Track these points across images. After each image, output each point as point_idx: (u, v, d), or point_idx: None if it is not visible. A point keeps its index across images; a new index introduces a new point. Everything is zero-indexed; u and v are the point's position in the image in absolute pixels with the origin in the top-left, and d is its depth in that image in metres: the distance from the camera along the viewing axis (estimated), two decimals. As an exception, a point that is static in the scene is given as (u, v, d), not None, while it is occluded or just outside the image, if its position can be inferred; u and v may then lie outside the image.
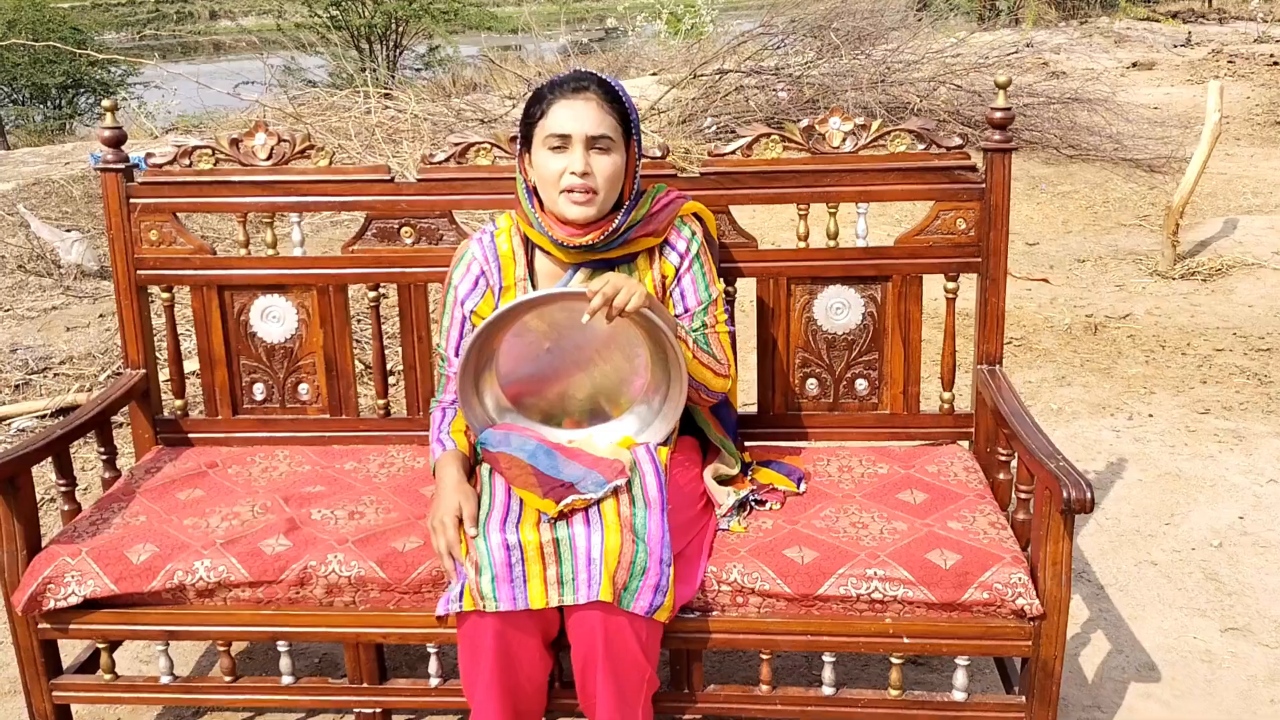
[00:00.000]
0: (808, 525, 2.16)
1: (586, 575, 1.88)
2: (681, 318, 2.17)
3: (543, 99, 2.05)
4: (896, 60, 8.63)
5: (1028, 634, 2.01)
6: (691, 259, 2.17)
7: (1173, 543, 3.04)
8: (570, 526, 1.92)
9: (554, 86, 2.05)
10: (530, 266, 2.17)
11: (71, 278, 5.42)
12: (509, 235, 2.19)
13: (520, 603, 1.88)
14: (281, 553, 2.12)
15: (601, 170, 2.03)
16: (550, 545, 1.89)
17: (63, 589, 2.10)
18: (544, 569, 1.89)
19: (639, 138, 2.10)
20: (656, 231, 2.14)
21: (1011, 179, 2.33)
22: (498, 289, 2.17)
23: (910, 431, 2.50)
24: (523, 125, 2.09)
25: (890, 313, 2.43)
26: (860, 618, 2.03)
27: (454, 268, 2.21)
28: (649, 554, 1.90)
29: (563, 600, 1.89)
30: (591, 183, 2.02)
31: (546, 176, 2.04)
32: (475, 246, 2.20)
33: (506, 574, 1.88)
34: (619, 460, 2.02)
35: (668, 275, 2.16)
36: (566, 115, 2.01)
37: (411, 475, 2.43)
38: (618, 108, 2.05)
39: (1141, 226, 6.34)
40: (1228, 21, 16.28)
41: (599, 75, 2.07)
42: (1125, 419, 3.82)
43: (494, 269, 2.17)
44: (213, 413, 2.60)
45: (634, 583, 1.88)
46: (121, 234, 2.49)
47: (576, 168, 2.01)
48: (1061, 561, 1.97)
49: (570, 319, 2.04)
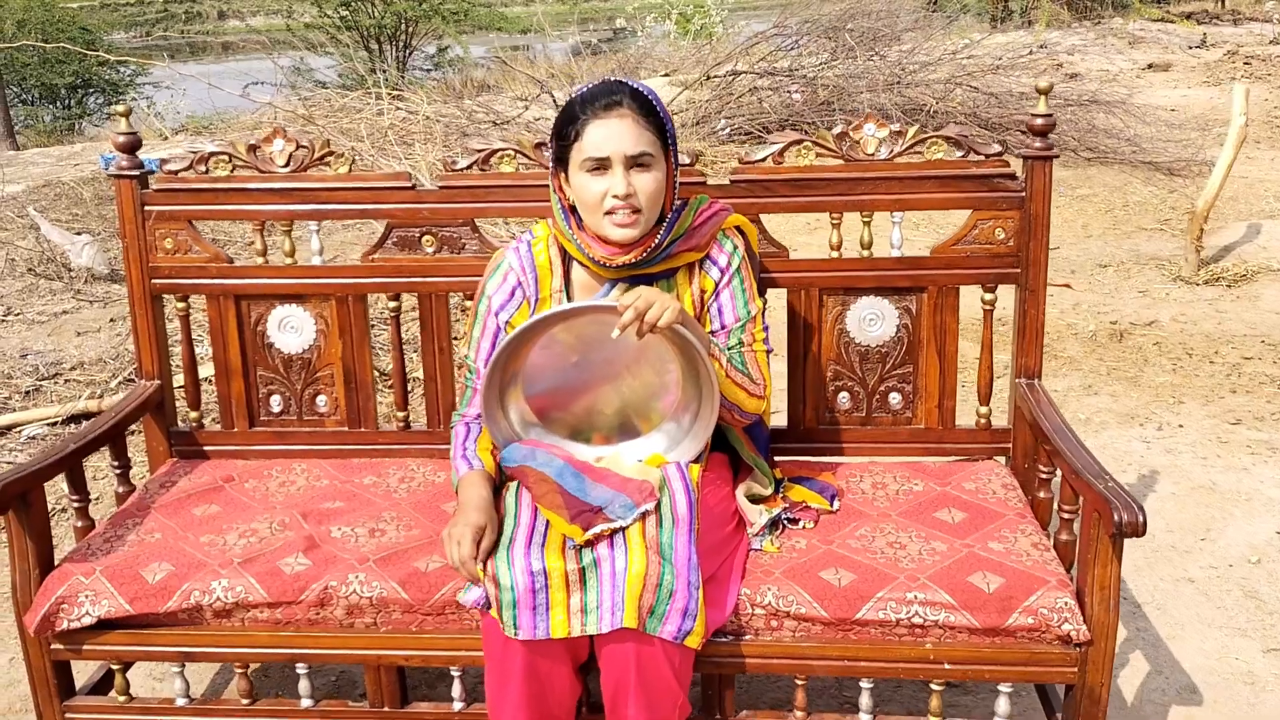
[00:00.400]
0: (843, 545, 2.10)
1: (610, 602, 1.81)
2: (717, 334, 2.10)
3: (575, 118, 1.95)
4: (911, 62, 8.56)
5: (1073, 660, 1.93)
6: (732, 274, 2.10)
7: (1209, 559, 2.96)
8: (595, 550, 1.85)
9: (586, 103, 1.95)
10: (567, 278, 2.10)
11: (82, 281, 5.38)
12: (546, 245, 2.11)
13: (541, 632, 1.81)
14: (301, 572, 2.05)
15: (644, 188, 1.95)
16: (576, 574, 1.83)
17: (76, 609, 2.04)
18: (568, 597, 1.82)
19: (676, 148, 2.02)
20: (698, 246, 2.07)
21: (1052, 187, 2.26)
22: (533, 300, 2.09)
23: (945, 447, 2.43)
24: (556, 144, 2.00)
25: (925, 324, 2.36)
26: (899, 642, 1.96)
27: (488, 277, 2.13)
28: (676, 575, 1.83)
29: (585, 629, 1.82)
30: (635, 203, 1.94)
31: (588, 201, 1.96)
32: (512, 256, 2.12)
33: (529, 600, 1.81)
34: (647, 481, 1.96)
35: (707, 290, 2.09)
36: (603, 136, 1.92)
37: (432, 490, 2.36)
38: (654, 120, 1.96)
39: (1163, 231, 6.26)
40: (1242, 22, 16.17)
41: (631, 85, 1.97)
42: (1155, 429, 3.75)
43: (530, 280, 2.10)
44: (228, 425, 2.53)
45: (660, 606, 1.82)
46: (136, 242, 2.43)
47: (619, 190, 1.93)
48: (1110, 586, 1.90)
49: (600, 332, 1.98)
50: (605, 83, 1.99)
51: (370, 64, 11.39)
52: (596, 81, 2.01)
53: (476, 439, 2.11)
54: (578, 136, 1.94)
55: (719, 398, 1.97)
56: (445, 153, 6.88)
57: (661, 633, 1.82)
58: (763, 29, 9.74)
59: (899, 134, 2.28)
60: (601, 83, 1.99)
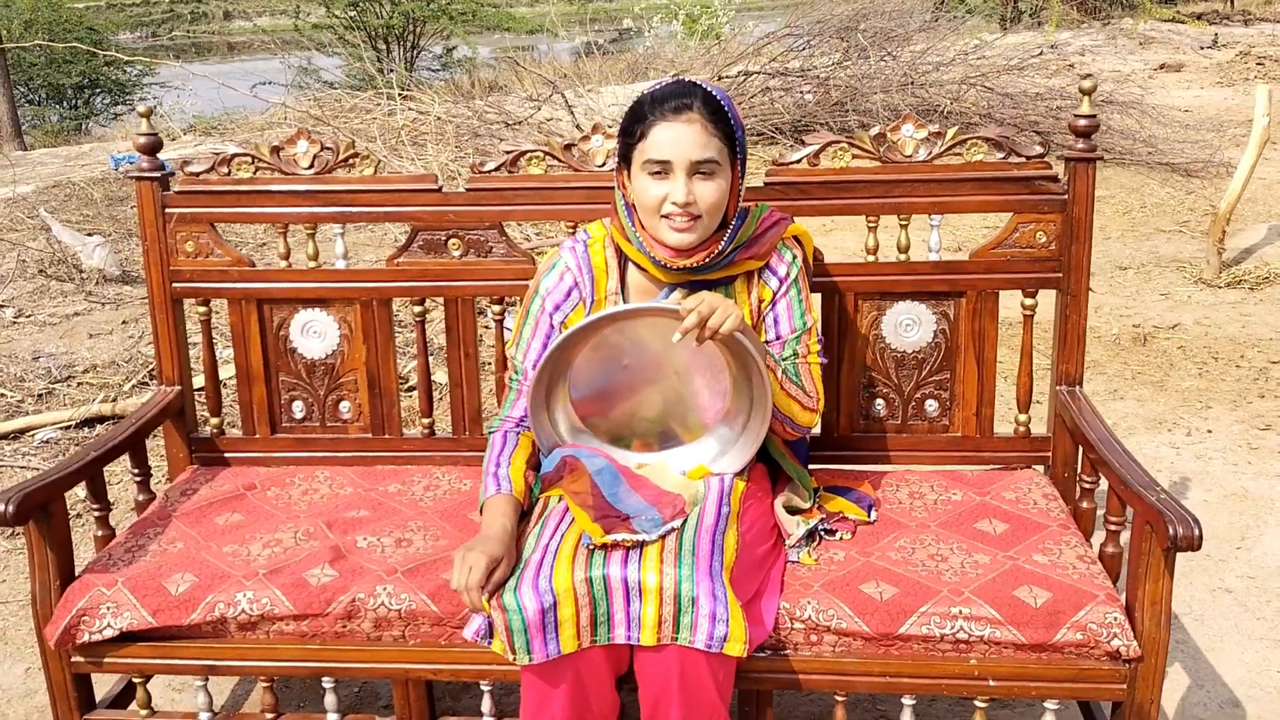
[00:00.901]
0: (882, 557, 2.04)
1: (626, 615, 1.76)
2: (772, 344, 2.05)
3: (643, 117, 1.88)
4: (924, 62, 8.50)
5: (1122, 677, 1.88)
6: (790, 284, 2.04)
7: (1246, 568, 2.91)
8: (607, 566, 1.77)
9: (654, 103, 1.88)
10: (622, 280, 2.03)
11: (93, 283, 5.33)
12: (603, 246, 2.04)
13: (553, 652, 1.75)
14: (327, 583, 2.01)
15: (705, 197, 1.88)
16: (584, 585, 1.75)
17: (98, 621, 1.99)
18: (576, 613, 1.75)
19: (744, 155, 1.95)
20: (759, 254, 2.01)
21: (1095, 190, 2.21)
22: (589, 301, 2.02)
23: (983, 455, 2.38)
24: (621, 141, 1.94)
25: (964, 330, 2.31)
26: (943, 658, 1.91)
27: (543, 275, 2.06)
28: (696, 583, 1.76)
29: (596, 641, 1.76)
30: (694, 210, 1.88)
31: (646, 203, 1.90)
32: (568, 255, 2.05)
33: (539, 621, 1.74)
34: (681, 496, 1.91)
35: (765, 299, 2.04)
36: (667, 139, 1.85)
37: (458, 499, 2.31)
38: (723, 126, 1.88)
39: (1181, 232, 6.20)
40: (1253, 23, 16.10)
41: (704, 87, 1.89)
42: (1184, 435, 3.69)
43: (586, 280, 2.03)
44: (250, 431, 2.49)
45: (685, 616, 1.76)
46: (157, 245, 2.38)
47: (678, 197, 1.86)
48: (1162, 601, 1.85)
49: (654, 336, 1.92)
50: (678, 83, 1.91)
51: (378, 64, 11.35)
52: (669, 80, 1.93)
53: (513, 453, 2.01)
54: (643, 136, 1.88)
55: (771, 409, 1.92)
56: (458, 153, 6.86)
57: (694, 641, 1.76)
58: (771, 29, 9.69)
59: (938, 135, 2.23)
60: (674, 82, 1.92)
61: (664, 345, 1.90)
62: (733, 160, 1.92)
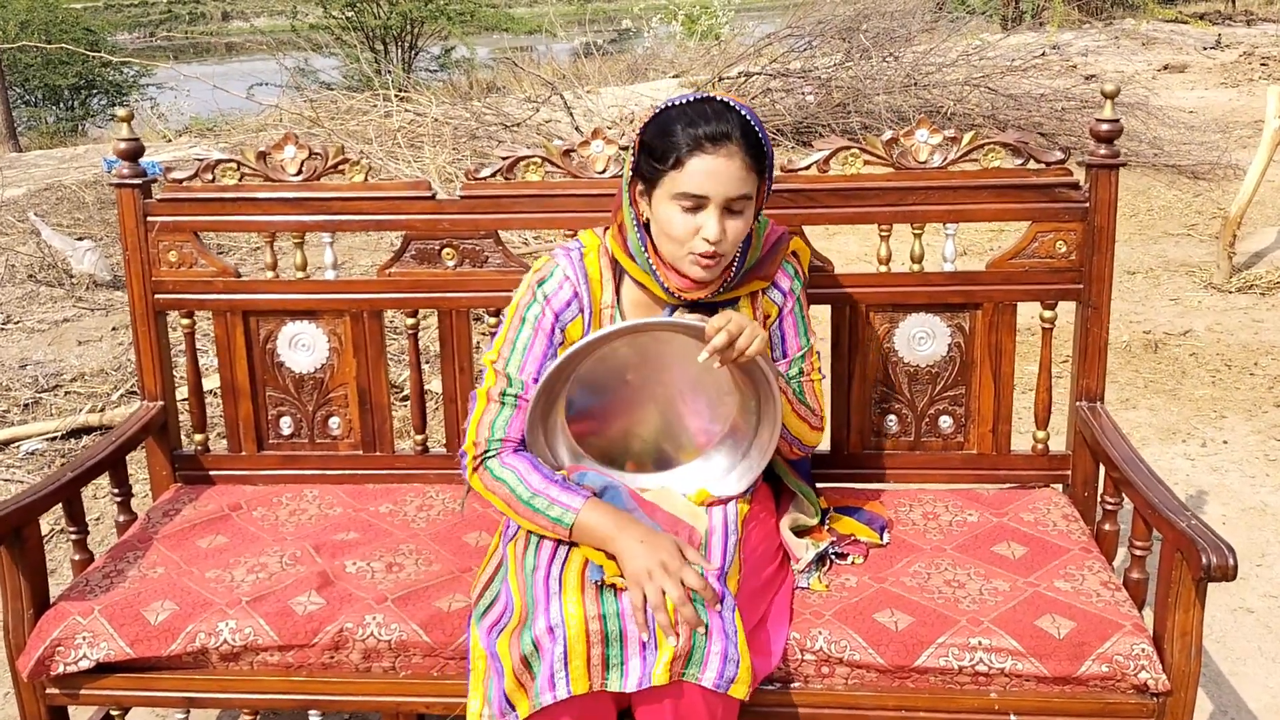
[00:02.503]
0: (896, 583, 1.95)
1: (640, 659, 1.65)
2: (779, 363, 1.95)
3: (677, 144, 1.72)
4: (926, 64, 8.41)
5: (1150, 711, 1.79)
6: (795, 300, 1.95)
7: (1267, 586, 2.81)
8: (620, 601, 1.68)
9: (689, 127, 1.72)
10: (617, 294, 1.91)
11: (83, 288, 5.24)
12: (597, 256, 1.91)
13: (561, 691, 1.63)
14: (314, 612, 1.91)
15: (733, 232, 1.75)
16: (596, 621, 1.66)
17: (73, 652, 1.90)
18: (587, 648, 1.65)
19: (771, 181, 1.84)
20: (766, 275, 1.91)
21: (1118, 197, 2.11)
22: (588, 314, 1.89)
23: (999, 474, 2.28)
24: (644, 158, 1.77)
25: (980, 343, 2.21)
26: (961, 691, 1.81)
27: (542, 281, 1.90)
28: (709, 621, 1.67)
29: (607, 685, 1.65)
30: (722, 248, 1.76)
31: (673, 234, 1.75)
32: (565, 262, 1.90)
33: (549, 658, 1.65)
34: (695, 529, 1.81)
35: (770, 315, 1.94)
36: (705, 175, 1.71)
37: (452, 520, 2.22)
38: (759, 158, 1.75)
39: (1190, 236, 6.11)
40: (1256, 23, 16.01)
41: (739, 112, 1.74)
42: (1198, 445, 3.60)
43: (584, 290, 1.90)
44: (236, 448, 2.39)
45: (698, 653, 1.66)
46: (138, 255, 2.28)
47: (711, 235, 1.72)
48: (1192, 632, 1.75)
49: (662, 350, 1.83)
50: (711, 104, 1.75)
51: (376, 65, 11.25)
52: (697, 96, 1.77)
53: (541, 465, 1.84)
54: (677, 165, 1.72)
55: (779, 431, 1.83)
56: (455, 155, 6.76)
57: (702, 680, 1.66)
58: (771, 30, 9.59)
59: (953, 140, 2.14)
60: (705, 102, 1.75)
61: (672, 360, 1.80)
62: (758, 189, 1.81)
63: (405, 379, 3.75)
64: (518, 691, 1.66)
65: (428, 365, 3.85)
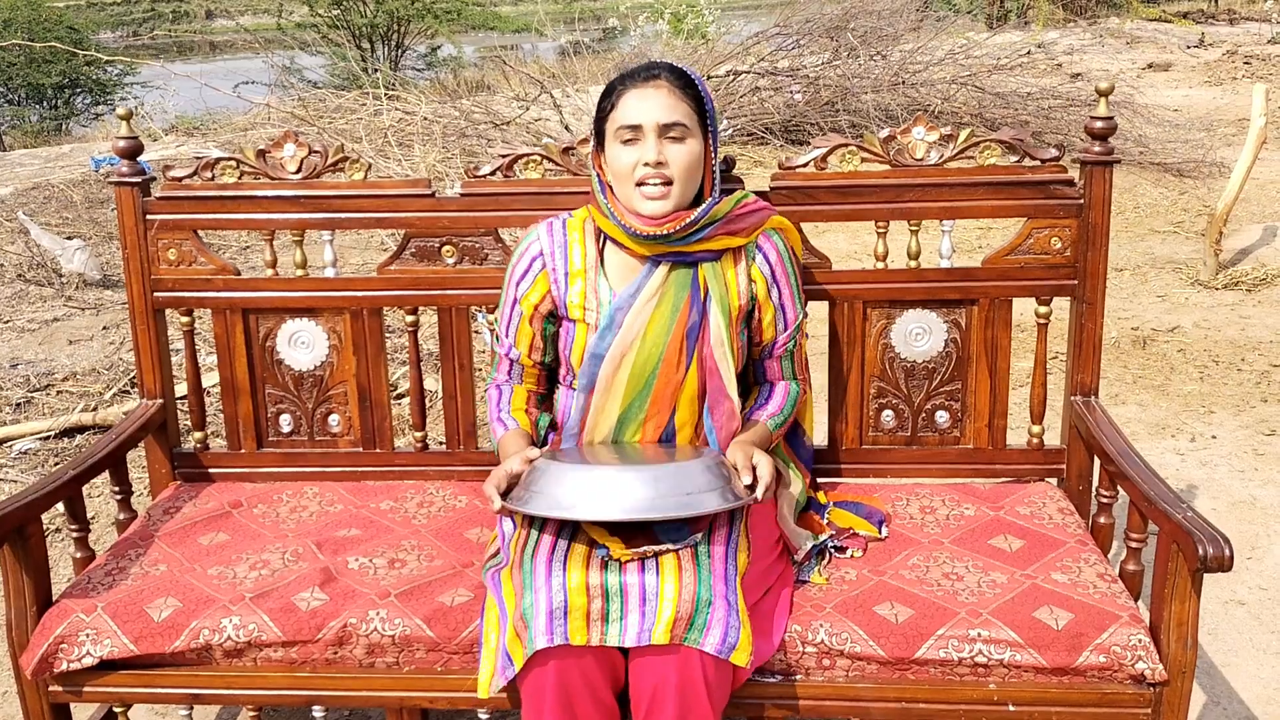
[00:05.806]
0: (895, 576, 1.97)
1: (639, 614, 1.69)
2: (780, 335, 2.04)
3: (613, 91, 1.93)
4: (914, 62, 8.44)
5: (1147, 701, 1.81)
6: (786, 271, 2.02)
7: (1258, 579, 2.85)
8: (624, 574, 1.72)
9: (624, 78, 1.93)
10: (601, 259, 2.01)
11: (73, 287, 5.22)
12: (581, 223, 2.03)
13: (559, 637, 1.68)
14: (317, 608, 1.92)
15: (676, 159, 1.88)
16: (598, 588, 1.71)
17: (77, 649, 1.90)
18: (588, 602, 1.70)
19: (715, 129, 1.95)
20: (739, 232, 1.97)
21: (1112, 194, 2.14)
22: (563, 274, 2.00)
23: (995, 468, 2.30)
24: (595, 121, 1.97)
25: (976, 339, 2.23)
26: (961, 682, 1.83)
27: (515, 253, 2.07)
28: (712, 588, 1.71)
29: (606, 640, 1.69)
30: (666, 172, 1.87)
31: (620, 170, 1.90)
32: (540, 228, 2.05)
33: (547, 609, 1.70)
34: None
35: (756, 281, 2.00)
36: (636, 104, 1.88)
37: (453, 516, 2.23)
38: (691, 93, 1.90)
39: (1176, 233, 6.16)
40: (1238, 22, 16.13)
41: (671, 63, 1.94)
42: (1188, 441, 3.63)
43: (559, 253, 2.01)
44: (235, 446, 2.39)
45: (700, 617, 1.69)
46: (138, 253, 2.29)
47: (649, 157, 1.86)
48: (1188, 622, 1.77)
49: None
50: (648, 62, 1.96)
51: (362, 64, 11.22)
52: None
53: (510, 399, 2.09)
54: (613, 107, 1.91)
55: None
56: (445, 154, 6.75)
57: (704, 644, 1.69)
58: (758, 29, 9.61)
59: (950, 138, 2.16)
60: (645, 62, 1.96)
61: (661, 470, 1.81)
62: (704, 131, 1.92)
63: (402, 375, 3.76)
64: (515, 643, 1.71)
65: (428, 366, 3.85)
